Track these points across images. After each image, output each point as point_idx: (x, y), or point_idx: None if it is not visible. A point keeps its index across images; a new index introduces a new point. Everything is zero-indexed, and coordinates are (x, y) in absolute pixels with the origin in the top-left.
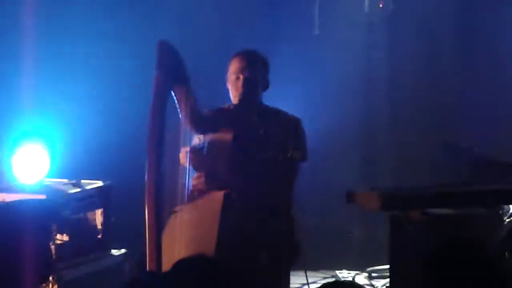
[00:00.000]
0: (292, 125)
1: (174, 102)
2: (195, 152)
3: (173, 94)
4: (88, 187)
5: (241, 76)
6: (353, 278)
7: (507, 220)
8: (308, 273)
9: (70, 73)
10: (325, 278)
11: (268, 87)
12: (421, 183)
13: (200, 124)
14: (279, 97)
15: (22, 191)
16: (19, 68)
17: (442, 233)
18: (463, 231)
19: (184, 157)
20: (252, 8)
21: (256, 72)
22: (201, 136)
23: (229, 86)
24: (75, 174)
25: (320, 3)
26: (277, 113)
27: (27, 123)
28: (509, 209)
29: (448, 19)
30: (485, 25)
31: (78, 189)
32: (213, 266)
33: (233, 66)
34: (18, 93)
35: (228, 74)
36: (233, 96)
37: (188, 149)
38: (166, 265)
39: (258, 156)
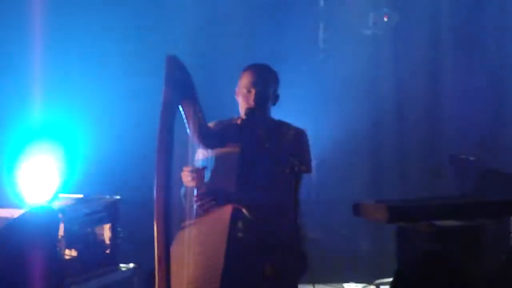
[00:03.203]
0: (297, 137)
1: (182, 116)
2: (197, 171)
3: (181, 109)
4: (96, 202)
5: (253, 90)
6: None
7: None
8: (316, 286)
9: (78, 88)
10: None
11: (277, 101)
12: (428, 195)
13: (208, 139)
14: (286, 109)
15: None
16: (25, 78)
17: (450, 245)
18: (470, 243)
19: (186, 176)
20: (257, 22)
21: (268, 86)
22: (205, 151)
23: (239, 99)
24: (83, 189)
25: (325, 16)
26: (283, 125)
27: (35, 139)
28: None
29: (453, 31)
30: (490, 37)
31: (86, 204)
32: None
33: (245, 80)
34: (23, 108)
35: (239, 87)
36: (243, 109)
37: (189, 168)
38: (175, 280)
39: (265, 170)
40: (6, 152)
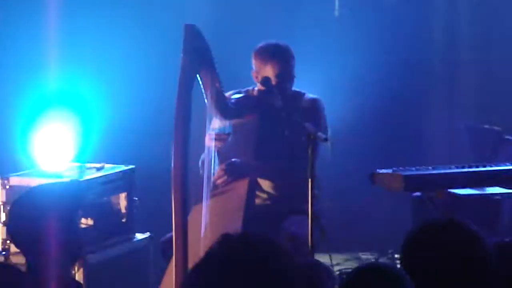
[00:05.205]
0: (311, 105)
1: (200, 86)
2: (221, 136)
3: (199, 78)
4: (111, 171)
5: (278, 81)
6: (376, 260)
7: None
8: (332, 255)
9: (94, 57)
10: (347, 260)
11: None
12: (443, 164)
13: (226, 110)
14: (300, 80)
15: (47, 175)
16: (42, 50)
17: (466, 213)
18: (486, 212)
19: (210, 139)
20: None
21: (292, 74)
22: (223, 121)
23: (260, 83)
24: (99, 158)
25: None
26: (298, 95)
27: (51, 106)
28: None
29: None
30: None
31: (102, 173)
32: None
33: (273, 69)
34: (40, 75)
35: (260, 72)
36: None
37: (214, 133)
38: (192, 250)
39: (282, 140)
40: (22, 118)
